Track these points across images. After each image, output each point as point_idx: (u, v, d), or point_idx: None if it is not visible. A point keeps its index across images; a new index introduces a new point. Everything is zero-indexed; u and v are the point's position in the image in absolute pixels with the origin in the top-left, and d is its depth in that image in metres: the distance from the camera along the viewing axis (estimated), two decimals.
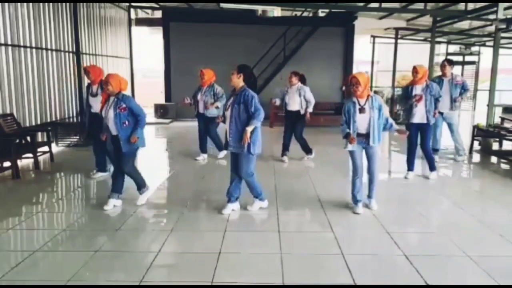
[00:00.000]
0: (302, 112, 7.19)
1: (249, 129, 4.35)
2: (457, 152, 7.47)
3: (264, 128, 7.65)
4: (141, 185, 4.95)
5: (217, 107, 7.15)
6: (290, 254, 3.59)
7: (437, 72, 16.71)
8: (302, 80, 7.30)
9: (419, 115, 5.98)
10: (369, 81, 4.60)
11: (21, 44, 7.54)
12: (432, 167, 6.22)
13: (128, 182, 6.07)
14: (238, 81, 4.53)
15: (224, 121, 4.70)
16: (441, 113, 7.00)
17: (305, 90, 7.15)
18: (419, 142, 6.17)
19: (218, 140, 7.48)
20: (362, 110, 4.54)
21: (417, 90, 5.96)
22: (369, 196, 4.89)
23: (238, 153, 4.53)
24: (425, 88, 5.93)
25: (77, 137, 8.57)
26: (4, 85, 7.06)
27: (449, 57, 17.31)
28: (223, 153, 7.51)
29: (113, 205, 4.82)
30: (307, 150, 7.49)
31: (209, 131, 7.48)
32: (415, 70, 5.96)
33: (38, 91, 8.12)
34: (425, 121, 5.99)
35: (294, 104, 7.15)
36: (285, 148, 7.42)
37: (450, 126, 7.29)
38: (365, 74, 4.72)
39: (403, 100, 6.15)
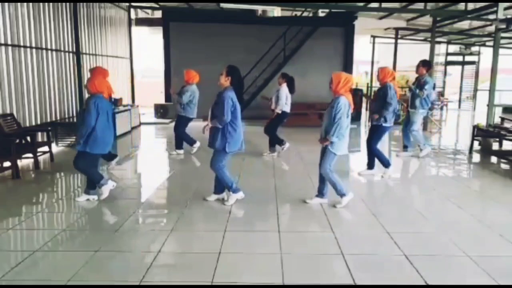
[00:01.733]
0: (276, 111, 7.43)
1: (209, 123, 4.64)
2: (403, 147, 7.74)
3: (261, 128, 7.73)
4: (89, 185, 4.98)
5: (179, 100, 7.35)
6: (290, 254, 3.58)
7: (438, 72, 16.89)
8: (289, 82, 7.43)
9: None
10: (345, 81, 4.53)
11: (21, 44, 7.53)
12: (368, 165, 6.30)
13: (130, 183, 6.10)
14: (225, 83, 4.62)
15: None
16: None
17: (279, 90, 7.39)
18: None
19: (179, 139, 7.67)
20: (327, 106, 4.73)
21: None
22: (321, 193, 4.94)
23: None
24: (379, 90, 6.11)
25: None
26: (4, 85, 7.05)
27: (449, 57, 17.41)
28: (178, 152, 7.68)
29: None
30: (272, 146, 7.70)
31: (176, 127, 7.68)
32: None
33: (38, 91, 8.11)
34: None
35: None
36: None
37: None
38: (341, 74, 4.59)
39: None
